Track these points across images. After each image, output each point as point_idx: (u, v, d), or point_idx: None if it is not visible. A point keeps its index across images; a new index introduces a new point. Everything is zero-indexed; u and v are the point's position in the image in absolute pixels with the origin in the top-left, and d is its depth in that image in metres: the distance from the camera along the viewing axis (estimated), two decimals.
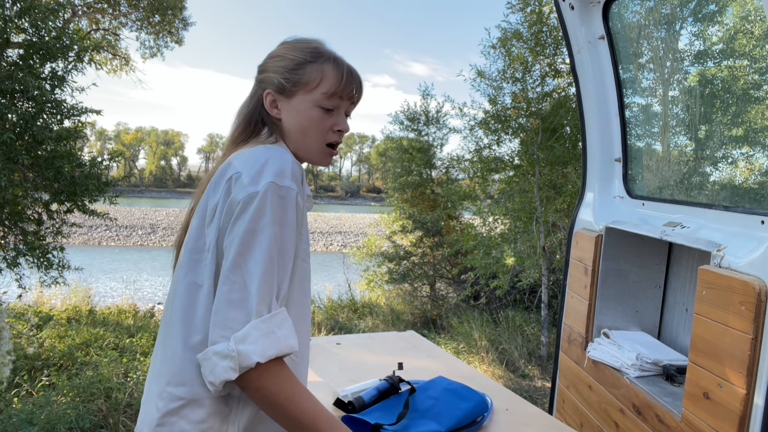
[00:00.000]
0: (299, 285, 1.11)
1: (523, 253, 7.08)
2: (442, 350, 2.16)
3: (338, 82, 1.14)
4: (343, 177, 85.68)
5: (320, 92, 1.14)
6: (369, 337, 2.21)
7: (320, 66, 1.14)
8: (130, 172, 72.34)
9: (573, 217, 2.43)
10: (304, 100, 1.14)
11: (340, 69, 1.16)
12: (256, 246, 0.97)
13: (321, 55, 1.16)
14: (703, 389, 1.51)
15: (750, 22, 1.89)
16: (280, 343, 0.97)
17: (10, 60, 5.19)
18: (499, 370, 6.51)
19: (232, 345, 0.94)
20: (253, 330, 0.95)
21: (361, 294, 10.52)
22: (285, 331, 0.99)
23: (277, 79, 1.15)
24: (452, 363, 2.03)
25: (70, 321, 7.62)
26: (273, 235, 0.98)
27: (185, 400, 1.01)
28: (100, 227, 26.97)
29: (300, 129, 1.15)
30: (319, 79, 1.14)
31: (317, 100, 1.14)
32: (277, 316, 0.99)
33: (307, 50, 1.16)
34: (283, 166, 1.03)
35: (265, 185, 0.99)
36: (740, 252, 1.48)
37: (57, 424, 4.04)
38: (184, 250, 1.08)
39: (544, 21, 6.94)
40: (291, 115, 1.15)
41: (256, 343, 0.94)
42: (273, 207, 0.99)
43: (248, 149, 1.10)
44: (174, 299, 1.07)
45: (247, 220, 0.98)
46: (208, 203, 1.06)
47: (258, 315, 0.96)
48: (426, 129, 10.32)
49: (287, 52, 1.17)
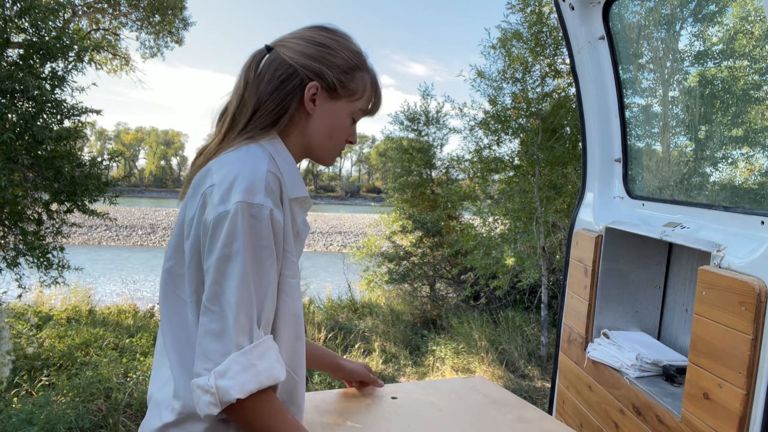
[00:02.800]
0: (287, 304, 1.05)
1: (523, 254, 7.08)
2: (529, 405, 1.72)
3: (374, 102, 1.14)
4: (343, 177, 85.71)
5: (359, 107, 1.12)
6: (430, 385, 1.86)
7: (365, 76, 1.12)
8: (130, 172, 72.36)
9: (573, 218, 2.43)
10: (345, 108, 1.11)
11: (379, 90, 1.16)
12: (231, 273, 0.92)
13: (367, 67, 1.13)
14: (703, 390, 1.51)
15: (750, 22, 1.89)
16: (261, 376, 0.93)
17: (10, 60, 5.20)
18: (499, 370, 6.51)
19: (212, 380, 0.90)
20: (233, 364, 0.91)
21: (361, 294, 10.52)
22: (267, 362, 0.94)
23: (331, 77, 1.07)
24: (545, 424, 1.59)
25: (70, 321, 7.62)
26: (248, 260, 0.92)
27: (184, 414, 0.99)
28: (100, 227, 26.97)
29: (328, 133, 1.11)
30: (362, 92, 1.11)
31: (354, 112, 1.12)
32: (259, 347, 0.94)
33: (356, 54, 1.11)
34: (253, 180, 0.95)
35: (235, 205, 0.92)
36: (740, 252, 1.48)
37: (57, 424, 4.04)
38: (166, 262, 1.04)
39: (544, 21, 6.94)
40: (325, 116, 1.09)
41: (236, 377, 0.90)
42: (245, 229, 0.92)
43: (227, 155, 1.02)
44: (163, 311, 1.04)
45: (220, 246, 0.92)
46: (186, 214, 1.01)
47: (238, 347, 0.91)
48: (426, 129, 10.33)
49: (339, 49, 1.09)
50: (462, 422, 1.54)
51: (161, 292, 1.05)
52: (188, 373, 0.99)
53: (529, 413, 1.66)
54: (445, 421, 1.53)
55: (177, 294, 1.02)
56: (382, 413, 1.56)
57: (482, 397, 1.75)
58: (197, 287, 0.98)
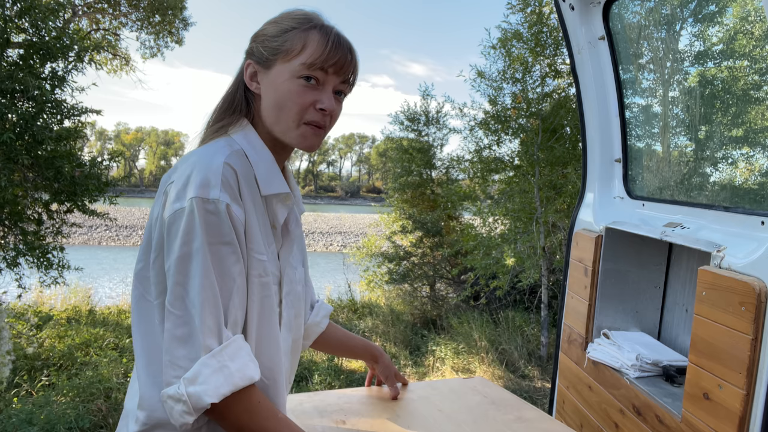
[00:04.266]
0: (258, 305, 0.98)
1: (523, 254, 7.08)
2: (529, 405, 1.71)
3: (321, 51, 0.97)
4: (343, 177, 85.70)
5: (299, 62, 0.97)
6: (430, 386, 1.85)
7: (304, 33, 0.99)
8: (130, 172, 72.38)
9: (573, 218, 2.43)
10: (282, 71, 0.99)
11: (327, 36, 0.99)
12: (192, 273, 0.87)
13: (309, 22, 1.01)
14: (703, 390, 1.51)
15: (750, 22, 1.89)
16: (235, 377, 0.88)
17: (10, 60, 5.20)
18: (499, 370, 6.51)
19: (182, 388, 0.86)
20: (203, 368, 0.86)
21: (361, 294, 10.52)
22: (239, 363, 0.90)
23: (258, 48, 1.02)
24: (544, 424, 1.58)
25: (70, 321, 7.62)
26: (209, 258, 0.88)
27: (149, 425, 0.95)
28: (100, 227, 26.97)
29: (275, 104, 0.99)
30: (300, 47, 0.98)
31: (296, 71, 0.98)
32: (229, 347, 0.90)
33: (297, 17, 1.02)
34: (208, 174, 0.90)
35: (190, 201, 0.88)
36: (740, 253, 1.48)
37: (57, 424, 4.04)
38: (136, 265, 0.99)
39: (544, 21, 6.94)
40: (269, 88, 1.00)
41: (207, 382, 0.86)
42: (202, 226, 0.87)
43: (191, 151, 1.00)
44: (133, 316, 1.00)
45: (179, 245, 0.88)
46: (153, 211, 0.96)
47: (207, 350, 0.87)
48: (426, 129, 10.33)
49: (278, 20, 1.03)
50: (462, 422, 1.54)
51: (132, 297, 1.00)
52: (155, 381, 0.95)
53: (528, 413, 1.66)
54: (445, 421, 1.53)
55: (146, 298, 0.97)
56: (382, 413, 1.56)
57: (482, 397, 1.75)
58: (163, 289, 0.93)
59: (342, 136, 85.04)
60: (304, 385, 5.96)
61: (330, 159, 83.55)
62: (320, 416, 1.52)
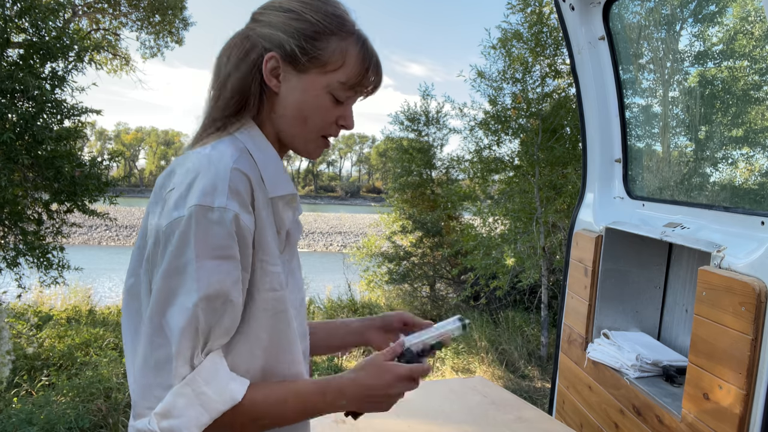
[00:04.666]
0: (271, 321, 0.88)
1: (523, 254, 7.09)
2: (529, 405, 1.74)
3: (362, 73, 0.91)
4: (343, 177, 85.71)
5: (338, 80, 0.90)
6: (430, 385, 1.85)
7: (345, 44, 0.90)
8: (130, 172, 72.38)
9: (573, 218, 2.43)
10: (317, 82, 0.90)
11: (368, 57, 0.92)
12: (178, 290, 0.78)
13: (348, 29, 0.91)
14: (703, 390, 1.51)
15: (750, 22, 1.89)
16: (215, 403, 0.79)
17: (10, 60, 5.20)
18: (499, 370, 6.51)
19: (154, 424, 0.77)
20: (178, 398, 0.77)
21: (361, 294, 10.52)
22: (217, 385, 0.80)
23: (291, 44, 0.89)
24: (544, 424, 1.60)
25: (70, 321, 7.62)
26: (201, 274, 0.77)
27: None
28: (100, 227, 26.97)
29: (301, 114, 0.91)
30: (340, 62, 0.90)
31: (332, 87, 0.90)
32: (203, 371, 0.79)
33: (332, 17, 0.91)
34: (215, 179, 0.80)
35: (190, 209, 0.78)
36: (740, 253, 1.48)
37: (56, 424, 4.04)
38: (127, 281, 0.90)
39: (545, 21, 6.94)
40: (294, 93, 0.90)
41: (184, 414, 0.77)
42: (199, 237, 0.77)
43: (191, 152, 0.88)
44: (124, 335, 0.90)
45: (169, 258, 0.78)
46: (148, 221, 0.86)
47: (179, 378, 0.78)
48: (426, 129, 10.33)
49: (305, 11, 0.90)
50: (462, 422, 1.54)
51: (123, 314, 0.90)
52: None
53: (528, 413, 1.67)
54: (445, 421, 1.53)
55: (140, 314, 0.86)
56: (381, 413, 1.55)
57: (482, 397, 1.76)
58: None
59: (342, 136, 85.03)
60: None
61: (330, 159, 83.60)
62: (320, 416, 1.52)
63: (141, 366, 0.79)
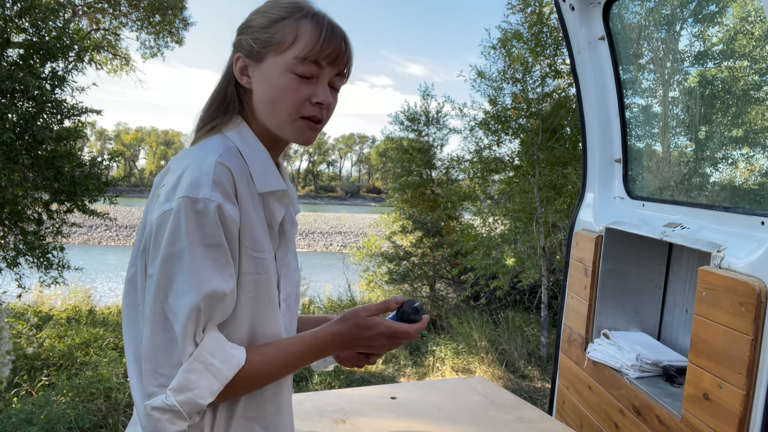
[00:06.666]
0: (252, 302, 0.94)
1: (523, 254, 7.09)
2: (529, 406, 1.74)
3: (315, 42, 0.92)
4: (343, 177, 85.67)
5: (292, 55, 0.92)
6: (430, 386, 1.86)
7: (295, 23, 0.94)
8: (130, 172, 72.39)
9: (573, 218, 2.43)
10: (275, 65, 0.94)
11: (320, 26, 0.94)
12: (175, 277, 0.84)
13: (300, 11, 0.95)
14: (703, 390, 1.51)
15: (750, 22, 1.89)
16: (224, 371, 0.87)
17: (11, 60, 5.20)
18: (499, 370, 6.51)
19: (171, 399, 0.83)
20: (189, 374, 0.84)
21: (361, 294, 10.52)
22: (222, 355, 0.88)
23: (247, 40, 0.96)
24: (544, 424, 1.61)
25: (70, 321, 7.62)
26: (195, 260, 0.84)
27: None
28: (100, 227, 26.97)
29: (269, 99, 0.95)
30: (292, 39, 0.93)
31: (289, 65, 0.93)
32: (206, 345, 0.86)
33: (287, 5, 0.96)
34: (199, 173, 0.87)
35: (178, 201, 0.85)
36: (740, 253, 1.48)
37: (56, 423, 4.04)
38: (128, 271, 0.96)
39: (545, 22, 6.95)
40: (261, 83, 0.96)
41: (198, 386, 0.85)
42: (189, 226, 0.84)
43: (184, 151, 0.96)
44: (124, 325, 0.96)
45: (163, 247, 0.84)
46: (146, 216, 0.93)
47: (187, 355, 0.85)
48: (426, 129, 10.33)
49: (266, 9, 0.98)
50: (462, 422, 1.54)
51: (123, 304, 0.96)
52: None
53: (528, 413, 1.67)
54: (445, 421, 1.53)
55: (138, 304, 0.94)
56: (382, 413, 1.56)
57: (482, 397, 1.76)
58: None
59: (342, 136, 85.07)
60: (304, 385, 5.96)
61: (330, 159, 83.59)
62: (320, 416, 1.52)
63: (149, 348, 0.86)
